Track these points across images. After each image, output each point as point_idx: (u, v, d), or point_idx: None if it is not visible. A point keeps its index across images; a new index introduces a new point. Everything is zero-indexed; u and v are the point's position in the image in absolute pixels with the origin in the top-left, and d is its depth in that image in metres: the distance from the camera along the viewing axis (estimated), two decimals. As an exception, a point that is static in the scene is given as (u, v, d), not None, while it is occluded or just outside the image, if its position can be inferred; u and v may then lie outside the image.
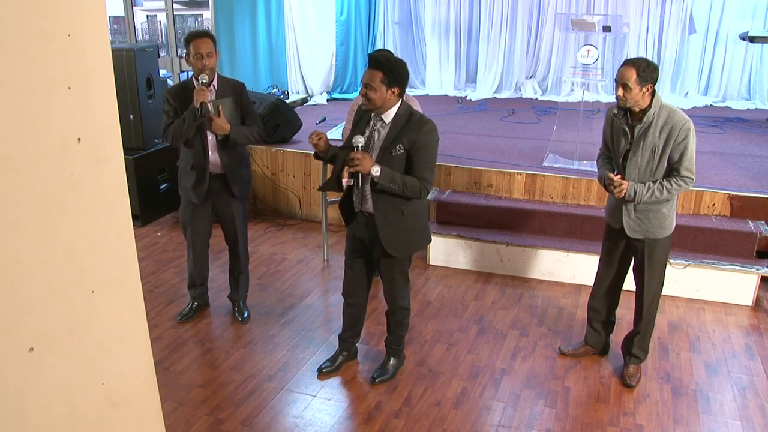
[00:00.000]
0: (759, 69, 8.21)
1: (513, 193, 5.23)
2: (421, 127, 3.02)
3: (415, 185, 3.05)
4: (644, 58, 3.11)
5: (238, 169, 3.82)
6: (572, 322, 4.15)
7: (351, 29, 8.62)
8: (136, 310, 1.57)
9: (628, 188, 3.17)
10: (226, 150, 3.72)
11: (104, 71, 1.39)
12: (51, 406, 1.36)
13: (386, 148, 3.04)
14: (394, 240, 3.16)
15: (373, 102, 2.99)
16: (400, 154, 3.04)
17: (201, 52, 3.54)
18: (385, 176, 2.99)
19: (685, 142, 3.08)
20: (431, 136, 3.05)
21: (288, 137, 6.11)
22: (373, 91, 2.96)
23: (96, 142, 1.38)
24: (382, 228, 3.12)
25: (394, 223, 3.13)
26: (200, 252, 4.05)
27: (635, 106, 3.12)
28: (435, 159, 3.13)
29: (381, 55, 3.07)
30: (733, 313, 4.31)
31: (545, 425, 3.17)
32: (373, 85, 2.96)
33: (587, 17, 5.29)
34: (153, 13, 12.60)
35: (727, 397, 3.42)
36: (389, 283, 3.34)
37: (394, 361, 3.55)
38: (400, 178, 3.03)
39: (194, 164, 3.74)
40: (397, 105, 3.07)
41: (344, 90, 8.64)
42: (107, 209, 1.44)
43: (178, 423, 3.15)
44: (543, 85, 8.81)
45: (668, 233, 3.32)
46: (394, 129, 3.05)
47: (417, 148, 3.03)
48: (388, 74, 2.96)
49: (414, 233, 3.23)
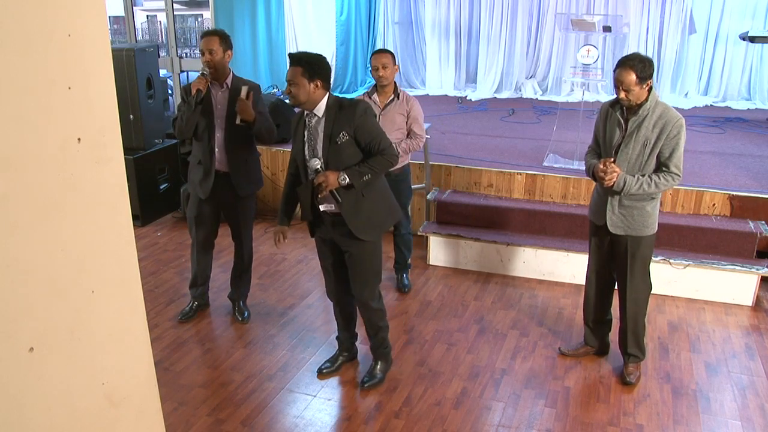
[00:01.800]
0: (759, 69, 8.21)
1: (513, 193, 5.23)
2: (354, 109, 3.06)
3: (381, 161, 3.09)
4: (638, 55, 3.11)
5: (243, 169, 3.84)
6: (572, 323, 4.15)
7: (351, 29, 8.63)
8: (136, 310, 1.57)
9: (618, 177, 3.19)
10: (231, 149, 3.76)
11: (104, 71, 1.39)
12: (51, 406, 1.36)
13: (329, 136, 3.06)
14: (362, 223, 3.15)
15: (298, 97, 3.02)
16: (345, 141, 3.05)
17: (204, 48, 3.66)
18: (353, 175, 3.03)
19: (677, 138, 3.12)
20: (368, 113, 3.09)
21: (288, 137, 6.10)
22: (296, 87, 3.00)
23: (96, 142, 1.38)
24: (348, 215, 3.12)
25: (356, 207, 3.12)
26: (204, 250, 4.06)
27: (636, 101, 3.15)
28: (380, 129, 3.16)
29: (299, 52, 3.14)
30: (733, 313, 4.31)
31: (545, 425, 3.17)
32: (294, 80, 3.00)
33: (587, 17, 5.29)
34: (153, 13, 12.60)
35: (727, 397, 3.42)
36: (360, 278, 3.28)
37: (381, 365, 3.52)
38: (366, 167, 3.07)
39: (201, 159, 3.81)
40: (326, 98, 3.10)
41: (345, 90, 8.64)
42: (107, 209, 1.44)
43: (178, 423, 3.15)
44: (543, 85, 8.82)
45: (651, 232, 3.33)
46: (330, 118, 3.08)
47: (360, 130, 3.06)
48: (306, 68, 3.00)
49: (379, 211, 3.23)
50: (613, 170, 3.18)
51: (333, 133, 3.05)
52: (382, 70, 3.99)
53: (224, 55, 3.69)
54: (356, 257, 3.24)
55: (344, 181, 3.02)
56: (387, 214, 3.30)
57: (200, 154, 3.82)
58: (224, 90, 3.74)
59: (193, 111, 3.66)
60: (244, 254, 4.08)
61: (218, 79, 3.73)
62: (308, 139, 3.14)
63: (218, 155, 3.78)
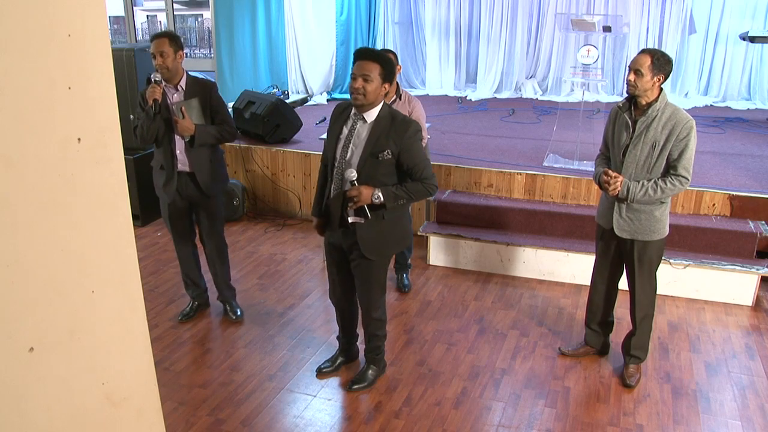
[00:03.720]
0: (759, 69, 8.21)
1: (513, 193, 5.23)
2: (406, 129, 2.93)
3: (420, 190, 2.99)
4: (661, 50, 3.10)
5: (207, 168, 3.82)
6: (572, 322, 4.15)
7: (351, 29, 8.63)
8: (136, 310, 1.57)
9: (621, 185, 3.17)
10: (193, 149, 3.74)
11: (104, 71, 1.39)
12: (51, 406, 1.36)
13: (372, 152, 2.93)
14: (372, 243, 3.09)
15: (368, 95, 2.87)
16: (387, 159, 2.94)
17: (154, 51, 3.61)
18: (389, 198, 2.94)
19: (687, 140, 3.08)
20: (417, 137, 2.98)
21: (288, 137, 6.11)
22: (372, 83, 2.85)
23: (96, 143, 1.38)
24: (361, 232, 3.05)
25: (373, 227, 3.05)
26: (185, 251, 4.06)
27: (643, 96, 3.10)
28: (425, 156, 3.08)
29: (378, 49, 3.01)
30: (733, 313, 4.31)
31: (545, 425, 3.17)
32: (371, 75, 2.85)
33: (587, 17, 5.29)
34: (153, 13, 12.61)
35: (727, 397, 3.42)
36: (364, 289, 3.25)
37: (372, 369, 3.48)
38: (403, 192, 2.97)
39: (164, 164, 3.79)
40: (380, 105, 2.98)
41: (344, 90, 8.64)
42: (107, 209, 1.44)
43: (178, 423, 3.15)
44: (543, 85, 8.82)
45: (659, 237, 3.29)
46: (378, 130, 2.94)
47: (407, 153, 2.94)
48: (384, 67, 2.89)
49: (392, 236, 3.16)
50: (616, 179, 3.17)
51: (377, 147, 2.93)
52: None
53: (176, 56, 3.63)
54: (363, 269, 3.18)
55: (377, 200, 2.93)
56: (400, 240, 3.23)
57: (162, 159, 3.79)
58: (179, 92, 3.71)
59: (153, 120, 3.64)
60: (216, 254, 4.06)
61: (172, 81, 3.69)
62: (346, 138, 3.01)
63: (180, 157, 3.76)
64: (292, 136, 6.16)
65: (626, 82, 3.12)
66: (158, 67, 3.62)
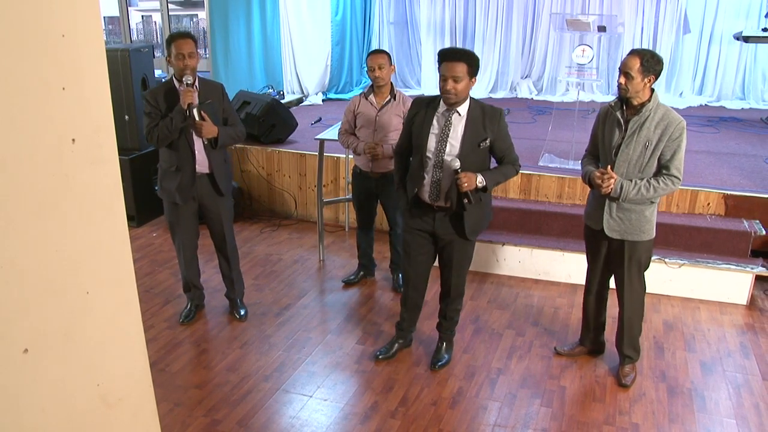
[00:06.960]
0: (753, 69, 8.24)
1: (508, 193, 5.24)
2: (499, 117, 3.17)
3: (510, 170, 3.29)
4: (650, 50, 3.10)
5: (223, 168, 3.83)
6: (568, 322, 4.16)
7: (346, 29, 8.63)
8: (131, 311, 1.57)
9: (615, 183, 3.17)
10: (212, 151, 3.72)
11: (99, 72, 1.39)
12: (46, 408, 1.35)
13: (473, 142, 3.14)
14: (474, 225, 3.31)
15: (460, 94, 3.06)
16: (485, 147, 3.18)
17: (183, 52, 3.52)
18: (490, 180, 3.18)
19: (679, 140, 3.09)
20: (505, 122, 3.23)
21: (283, 137, 6.10)
22: (461, 82, 3.04)
23: (91, 143, 1.37)
24: (467, 215, 3.24)
25: (475, 209, 3.24)
26: (191, 254, 4.03)
27: (634, 97, 3.10)
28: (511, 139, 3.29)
29: (459, 48, 3.17)
30: (728, 312, 4.33)
31: (541, 425, 3.18)
32: (460, 75, 3.02)
33: (582, 17, 5.30)
34: (148, 13, 12.56)
35: (723, 395, 3.43)
36: (460, 268, 3.45)
37: (449, 345, 3.70)
38: (500, 174, 3.26)
39: (179, 165, 3.71)
40: (469, 98, 3.17)
41: (340, 90, 8.64)
42: (102, 210, 1.44)
43: (173, 424, 3.14)
44: (538, 84, 8.84)
45: (648, 237, 3.30)
46: (474, 120, 3.15)
47: (499, 137, 3.19)
48: (470, 64, 3.05)
49: (485, 214, 3.39)
50: (610, 177, 3.17)
51: (477, 137, 3.14)
52: (378, 71, 3.99)
53: (197, 57, 3.61)
54: (462, 250, 3.39)
55: (482, 184, 3.14)
56: (487, 217, 3.44)
57: (177, 160, 3.70)
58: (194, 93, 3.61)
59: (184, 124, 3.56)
60: (229, 253, 4.06)
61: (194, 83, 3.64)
62: (442, 131, 3.18)
63: (199, 158, 3.72)
64: (288, 137, 6.16)
65: (617, 85, 3.12)
66: (185, 68, 3.53)
